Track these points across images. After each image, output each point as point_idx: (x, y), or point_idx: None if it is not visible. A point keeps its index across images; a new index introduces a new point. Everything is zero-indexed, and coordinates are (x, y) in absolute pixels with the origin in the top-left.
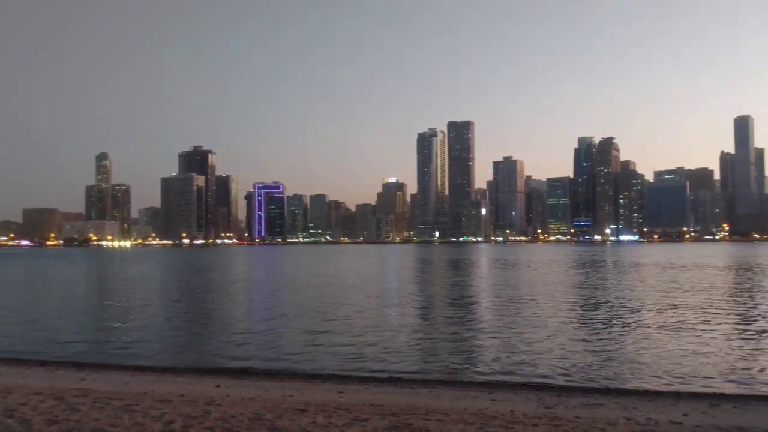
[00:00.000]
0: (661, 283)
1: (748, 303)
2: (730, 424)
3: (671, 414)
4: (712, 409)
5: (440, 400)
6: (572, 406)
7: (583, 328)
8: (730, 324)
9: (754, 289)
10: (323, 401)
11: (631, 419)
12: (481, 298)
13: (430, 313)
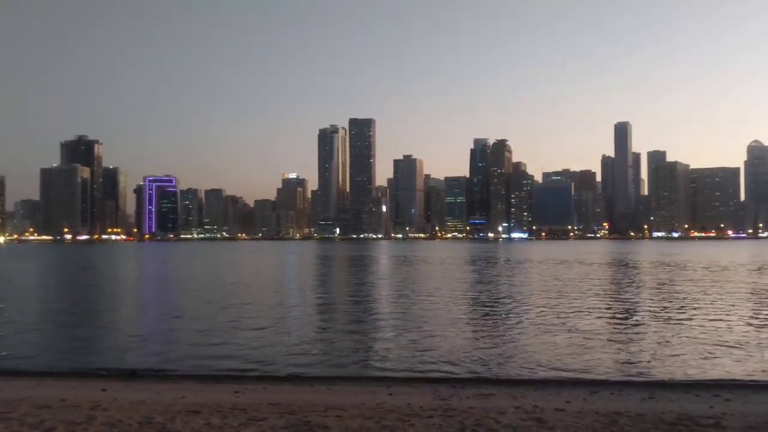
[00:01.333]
0: (548, 278)
1: (625, 296)
2: (608, 409)
3: (556, 402)
4: (592, 395)
5: (339, 396)
6: (466, 397)
7: (478, 322)
8: (609, 316)
9: (630, 284)
10: (218, 402)
11: (519, 408)
12: (381, 294)
13: (331, 310)
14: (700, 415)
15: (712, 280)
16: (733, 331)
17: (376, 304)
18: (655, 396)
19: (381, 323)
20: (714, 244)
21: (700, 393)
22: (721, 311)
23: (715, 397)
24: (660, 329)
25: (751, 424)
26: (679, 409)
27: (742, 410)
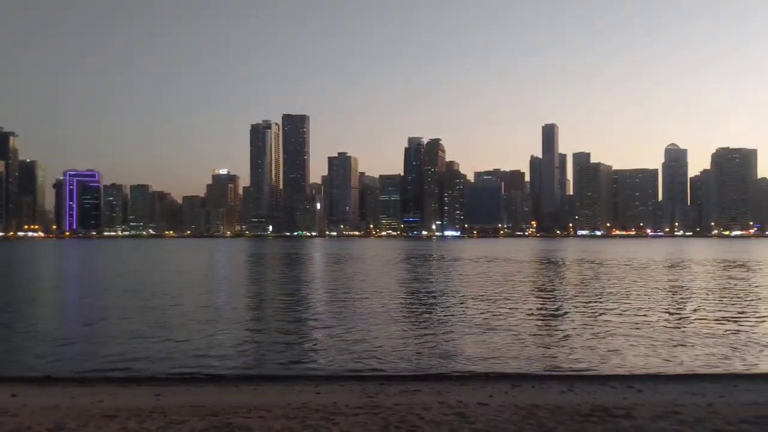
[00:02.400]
0: (479, 276)
1: (550, 293)
2: (528, 402)
3: (479, 396)
4: (514, 389)
5: (265, 396)
6: (393, 393)
7: (409, 319)
8: (534, 312)
9: (555, 280)
10: (137, 406)
11: (444, 403)
12: (315, 293)
13: (262, 309)
14: (613, 405)
15: (631, 277)
16: (650, 326)
17: (309, 303)
18: (574, 388)
19: (313, 322)
20: (633, 242)
21: (616, 385)
22: (639, 306)
23: (629, 388)
24: (582, 324)
25: (659, 413)
26: (594, 400)
27: (651, 400)
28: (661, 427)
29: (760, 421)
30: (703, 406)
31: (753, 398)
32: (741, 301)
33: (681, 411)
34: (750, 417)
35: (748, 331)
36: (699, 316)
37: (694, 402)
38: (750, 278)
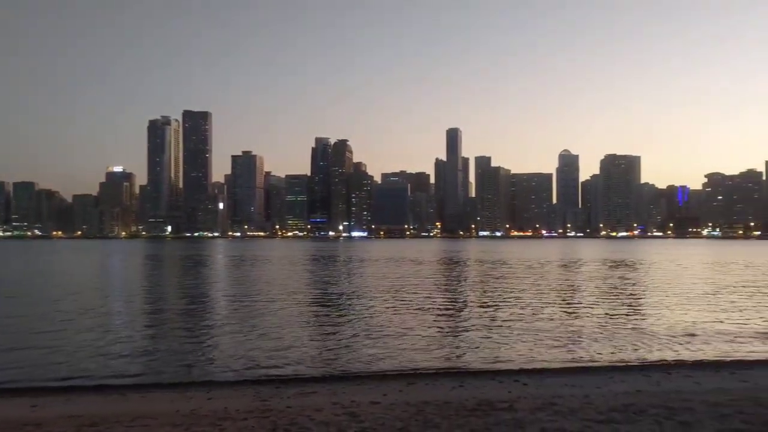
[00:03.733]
0: (385, 276)
1: (452, 292)
2: (419, 399)
3: (373, 395)
4: (409, 387)
5: (153, 404)
6: (287, 396)
7: (314, 321)
8: (436, 310)
9: (457, 279)
10: (9, 418)
11: (337, 403)
12: (215, 296)
13: (157, 314)
14: (497, 399)
15: (528, 276)
16: (543, 322)
17: (209, 307)
18: (465, 384)
19: (212, 327)
20: (530, 242)
21: (504, 380)
22: (535, 304)
23: (516, 382)
24: (481, 321)
25: (538, 405)
26: (482, 395)
27: (534, 393)
28: (538, 418)
29: (627, 409)
30: (579, 397)
31: (625, 388)
32: (625, 298)
33: (558, 402)
34: (619, 405)
35: (632, 326)
36: (588, 312)
37: (572, 393)
38: (633, 277)
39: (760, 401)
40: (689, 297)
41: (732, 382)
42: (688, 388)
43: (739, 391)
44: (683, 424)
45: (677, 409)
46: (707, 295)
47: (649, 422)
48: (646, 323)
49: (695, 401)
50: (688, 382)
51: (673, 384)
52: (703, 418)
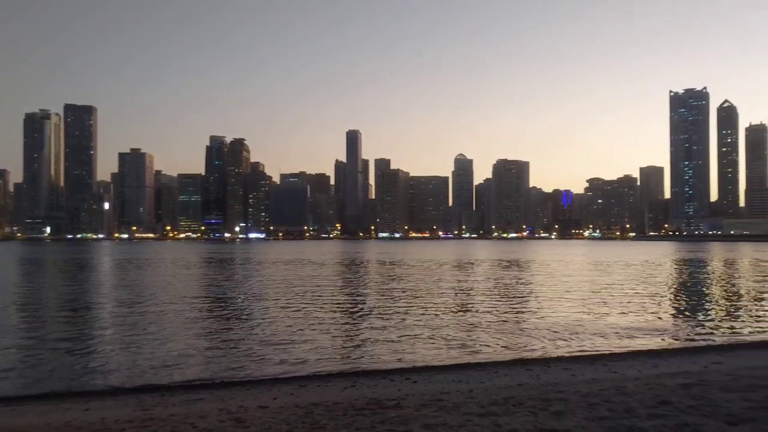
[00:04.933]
0: (283, 278)
1: (352, 293)
2: (309, 401)
3: (263, 399)
4: (300, 389)
5: (23, 417)
6: (172, 404)
7: (206, 325)
8: (337, 311)
9: (356, 280)
10: None
11: (224, 409)
12: (100, 301)
13: (34, 322)
14: (386, 398)
15: (425, 276)
16: (440, 320)
17: (94, 314)
18: (357, 384)
19: (97, 334)
20: (428, 243)
21: (396, 378)
22: (432, 303)
23: (407, 380)
24: (379, 321)
25: (424, 402)
26: (372, 394)
27: (422, 390)
28: (423, 414)
29: (507, 402)
30: (464, 392)
31: (507, 382)
32: (514, 297)
33: (444, 398)
34: (500, 399)
35: (519, 323)
36: (480, 310)
37: (459, 389)
38: (522, 276)
39: (625, 390)
40: (571, 295)
41: (603, 374)
42: (565, 380)
43: (608, 381)
44: (556, 414)
45: (552, 400)
46: (587, 293)
47: (525, 413)
48: (532, 320)
49: (569, 392)
50: (565, 375)
51: (552, 377)
52: (574, 408)
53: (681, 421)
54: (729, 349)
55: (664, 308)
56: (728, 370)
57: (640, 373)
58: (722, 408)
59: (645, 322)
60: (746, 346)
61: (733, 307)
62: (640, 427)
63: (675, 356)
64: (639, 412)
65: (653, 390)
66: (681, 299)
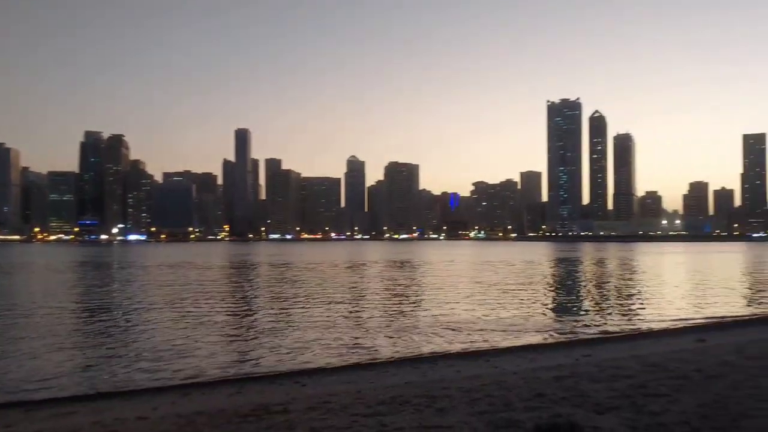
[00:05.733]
0: (168, 282)
1: (241, 296)
2: (191, 410)
3: (142, 410)
4: (184, 398)
5: None
6: (39, 419)
7: (81, 334)
8: (225, 316)
9: (246, 283)
10: None
11: (98, 422)
12: None
13: None
14: (274, 402)
15: (318, 278)
16: (330, 321)
17: None
18: (243, 390)
19: None
20: (320, 245)
21: (284, 382)
22: (324, 305)
23: (295, 384)
24: (268, 325)
25: (312, 405)
26: (259, 399)
27: (310, 393)
28: (310, 417)
29: (394, 401)
30: (353, 393)
31: (395, 381)
32: (404, 296)
33: (332, 400)
34: (387, 398)
35: (409, 322)
36: (372, 310)
37: (347, 390)
38: (412, 276)
39: (504, 385)
40: (459, 294)
41: (486, 369)
42: (450, 376)
43: (490, 376)
44: (440, 411)
45: (437, 397)
46: (474, 291)
47: (411, 411)
48: (422, 319)
49: (453, 388)
50: (451, 371)
51: (438, 374)
52: (457, 404)
53: (554, 412)
54: (598, 342)
55: (541, 305)
56: (596, 362)
57: (518, 367)
58: (591, 398)
59: (525, 318)
60: (612, 339)
61: (602, 303)
62: (517, 420)
63: (550, 350)
64: (516, 405)
65: (530, 383)
66: (557, 296)
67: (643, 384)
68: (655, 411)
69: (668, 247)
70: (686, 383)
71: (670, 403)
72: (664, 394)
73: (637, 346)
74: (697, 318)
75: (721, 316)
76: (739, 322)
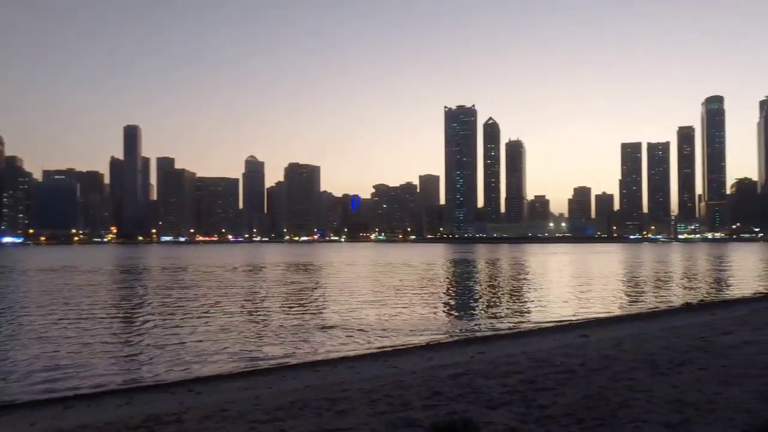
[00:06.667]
0: (49, 288)
1: (131, 302)
2: (75, 423)
3: (18, 426)
4: (66, 411)
5: None
6: None
7: None
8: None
9: (136, 289)
10: None
11: None
12: None
13: None
14: (166, 413)
15: (214, 282)
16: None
17: None
18: (133, 401)
19: None
20: (217, 247)
21: (178, 391)
22: (219, 310)
23: (190, 392)
24: (159, 331)
25: (208, 414)
26: (150, 410)
27: (207, 401)
28: (205, 426)
29: (293, 405)
30: (251, 400)
31: (295, 385)
32: (305, 299)
33: (229, 408)
34: (286, 403)
35: (311, 325)
36: (271, 314)
37: (245, 397)
38: (314, 279)
39: (403, 384)
40: (359, 295)
41: (385, 369)
42: (350, 378)
43: (389, 376)
44: (340, 413)
45: (337, 399)
46: (375, 293)
47: (310, 415)
48: (322, 321)
49: (353, 390)
50: (351, 373)
51: (338, 376)
52: (357, 405)
53: (451, 409)
54: (492, 339)
55: (439, 305)
56: (490, 359)
57: (417, 366)
58: (484, 394)
59: (423, 318)
60: (504, 337)
61: (495, 302)
62: (415, 419)
63: (447, 349)
64: (414, 404)
65: (427, 382)
66: (453, 296)
67: (532, 379)
68: (544, 404)
69: (555, 248)
70: (571, 377)
71: (557, 396)
72: (551, 387)
73: (527, 342)
74: (581, 315)
75: (603, 313)
76: (618, 318)
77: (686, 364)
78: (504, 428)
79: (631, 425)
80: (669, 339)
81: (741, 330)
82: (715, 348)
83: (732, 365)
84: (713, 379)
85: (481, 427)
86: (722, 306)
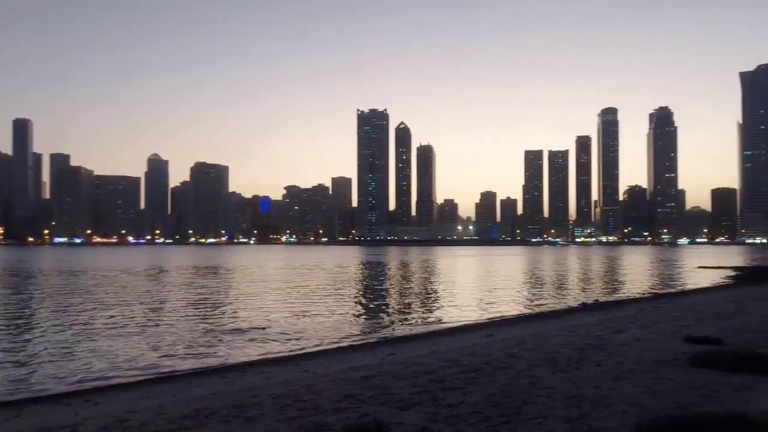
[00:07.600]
0: None
1: (16, 308)
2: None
3: None
4: None
5: None
6: None
7: None
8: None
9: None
10: None
11: None
12: None
13: None
14: (60, 425)
15: (110, 286)
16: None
17: None
18: (22, 413)
19: None
20: (116, 249)
21: (73, 401)
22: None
23: (86, 402)
24: (52, 338)
25: (106, 425)
26: (41, 423)
27: (105, 412)
28: None
29: (199, 413)
30: (153, 409)
31: (201, 392)
32: (210, 304)
33: (129, 418)
34: (192, 411)
35: (216, 330)
36: (175, 321)
37: (147, 406)
38: (220, 283)
39: (314, 388)
40: (270, 299)
41: (296, 374)
42: (260, 383)
43: (300, 381)
44: (249, 420)
45: (246, 405)
46: (285, 296)
47: (218, 423)
48: (230, 326)
49: (263, 395)
50: (260, 378)
51: (247, 382)
52: (267, 411)
53: (362, 411)
54: (402, 340)
55: (351, 308)
56: (400, 360)
57: (328, 369)
58: (395, 395)
59: (335, 321)
60: (414, 338)
61: (405, 304)
62: (327, 422)
63: (359, 351)
64: (326, 408)
65: (338, 385)
66: (366, 299)
67: (441, 378)
68: (452, 403)
69: (462, 251)
70: (478, 376)
71: (464, 395)
72: (459, 386)
73: (436, 343)
74: (487, 315)
75: (507, 313)
76: (521, 318)
77: (584, 361)
78: (414, 428)
79: (535, 421)
80: (567, 337)
81: (631, 328)
82: (609, 345)
83: (624, 362)
84: (608, 375)
85: (392, 428)
86: (615, 306)
